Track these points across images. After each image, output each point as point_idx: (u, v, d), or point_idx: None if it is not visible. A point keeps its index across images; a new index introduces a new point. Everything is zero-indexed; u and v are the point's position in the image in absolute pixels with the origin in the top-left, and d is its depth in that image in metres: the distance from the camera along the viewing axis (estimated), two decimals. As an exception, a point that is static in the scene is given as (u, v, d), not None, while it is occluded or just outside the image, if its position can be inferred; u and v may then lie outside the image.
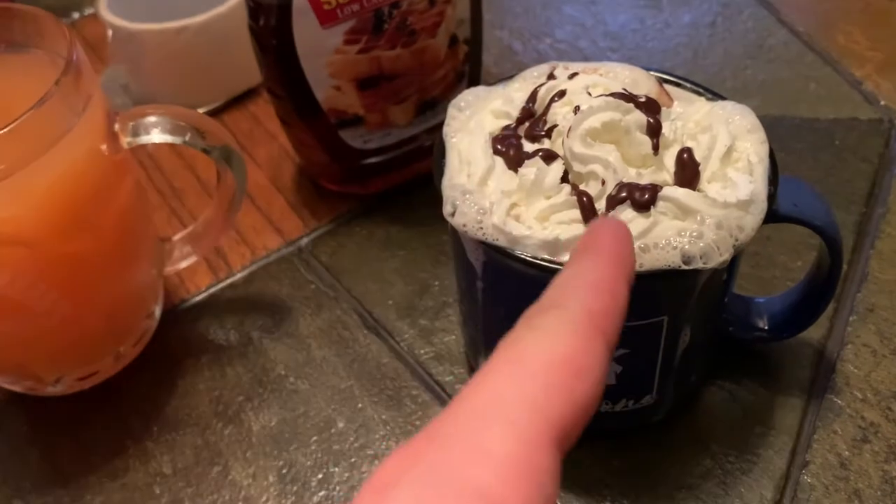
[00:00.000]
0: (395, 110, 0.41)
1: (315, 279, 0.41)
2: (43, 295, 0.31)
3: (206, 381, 0.37)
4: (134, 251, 0.34)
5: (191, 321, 0.39)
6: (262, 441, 0.34)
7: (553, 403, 0.15)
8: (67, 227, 0.30)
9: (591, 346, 0.16)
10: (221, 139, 0.33)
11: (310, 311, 0.39)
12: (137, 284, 0.35)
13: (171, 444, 0.35)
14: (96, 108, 0.31)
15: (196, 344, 0.38)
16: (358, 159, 0.42)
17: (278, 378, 0.37)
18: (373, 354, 0.37)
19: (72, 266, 0.31)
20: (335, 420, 0.35)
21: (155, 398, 0.36)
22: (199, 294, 0.40)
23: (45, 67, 0.32)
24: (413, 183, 0.44)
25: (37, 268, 0.30)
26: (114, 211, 0.32)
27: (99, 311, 0.34)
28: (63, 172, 0.30)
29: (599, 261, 0.17)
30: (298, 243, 0.42)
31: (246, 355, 0.38)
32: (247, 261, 0.42)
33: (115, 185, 0.32)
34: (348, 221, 0.43)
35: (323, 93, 0.39)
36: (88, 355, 0.35)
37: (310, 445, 0.34)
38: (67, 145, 0.29)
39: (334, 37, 0.38)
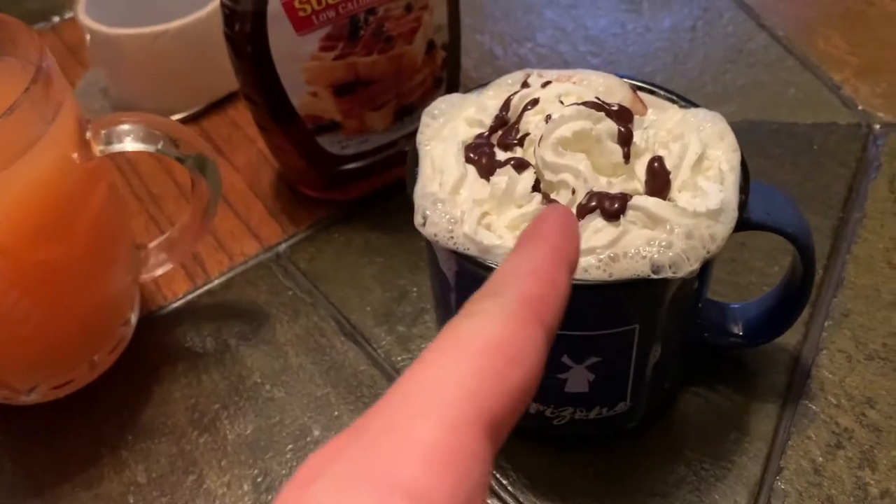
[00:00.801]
0: (373, 116, 0.41)
1: (293, 285, 0.40)
2: (16, 303, 0.31)
3: (182, 389, 0.37)
4: (109, 258, 0.34)
5: (168, 328, 0.39)
6: (237, 449, 0.34)
7: (485, 389, 0.14)
8: (39, 234, 0.30)
9: (527, 333, 0.15)
10: (195, 147, 0.33)
11: (287, 317, 0.39)
12: (113, 292, 0.35)
13: (145, 452, 0.35)
14: (67, 116, 0.31)
15: (173, 351, 0.38)
16: (336, 165, 0.42)
17: (255, 386, 0.36)
18: (350, 361, 0.37)
19: (45, 273, 0.31)
20: (311, 428, 0.35)
21: (130, 406, 0.36)
22: (176, 301, 0.40)
23: (16, 75, 0.32)
24: (392, 188, 0.44)
25: (8, 276, 0.30)
26: (87, 218, 0.32)
27: (74, 318, 0.34)
28: (33, 180, 0.29)
29: (540, 249, 0.17)
30: (276, 249, 0.42)
31: (223, 363, 0.37)
32: (224, 267, 0.42)
33: (88, 192, 0.32)
34: (327, 227, 0.43)
35: (299, 99, 0.39)
36: (63, 364, 0.35)
37: (285, 454, 0.34)
38: (37, 153, 0.29)
39: (310, 43, 0.37)
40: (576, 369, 0.29)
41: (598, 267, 0.25)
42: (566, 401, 0.30)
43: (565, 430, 0.32)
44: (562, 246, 0.17)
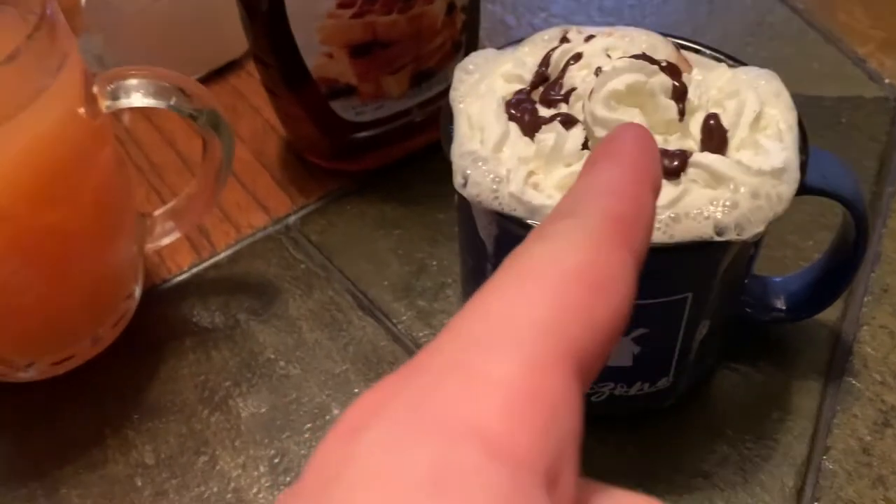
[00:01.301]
0: (389, 80, 0.39)
1: (305, 258, 0.38)
2: (15, 271, 0.29)
3: (190, 366, 0.35)
4: (114, 225, 0.32)
5: (173, 302, 0.37)
6: (251, 429, 0.32)
7: (569, 323, 0.12)
8: (42, 196, 0.28)
9: (614, 258, 0.13)
10: (208, 103, 0.31)
11: (300, 291, 0.37)
12: (117, 262, 0.33)
13: (153, 432, 0.32)
14: (73, 69, 0.28)
15: (179, 326, 0.36)
16: (349, 132, 0.40)
17: (268, 362, 0.34)
18: (368, 337, 0.35)
19: (47, 240, 0.29)
20: (330, 406, 0.33)
21: (135, 384, 0.34)
22: (181, 274, 0.38)
23: (16, 27, 0.30)
24: (406, 160, 0.42)
25: (9, 241, 0.28)
26: (93, 180, 0.30)
27: (76, 289, 0.32)
28: (37, 136, 0.27)
29: (619, 165, 0.14)
30: (286, 221, 0.40)
31: (233, 338, 0.35)
32: (231, 239, 0.39)
33: (94, 152, 0.30)
34: (338, 199, 0.41)
35: (313, 60, 0.37)
36: (64, 338, 0.33)
37: (303, 433, 0.32)
38: (41, 107, 0.27)
39: (327, 1, 0.35)
40: (622, 341, 0.27)
41: (658, 228, 0.23)
42: (607, 375, 0.29)
43: (603, 407, 0.30)
44: (644, 164, 0.14)
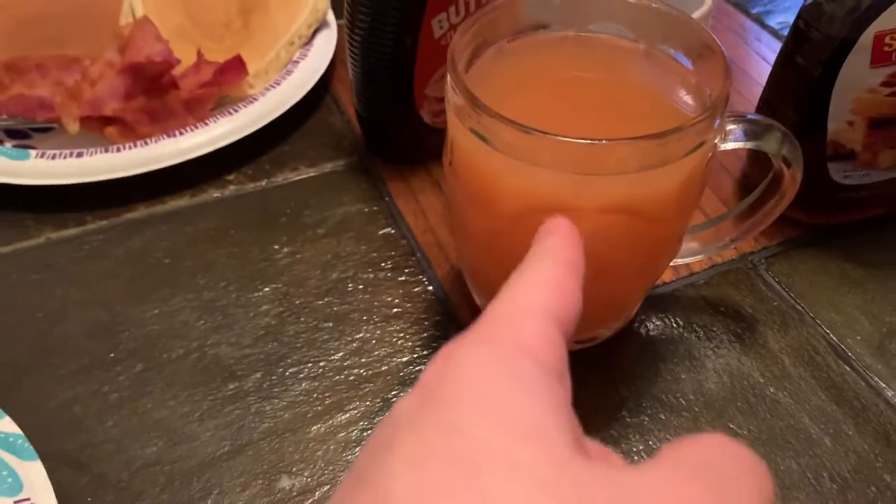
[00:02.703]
0: (887, 153, 0.42)
1: (775, 297, 0.42)
2: (625, 262, 0.34)
3: (687, 371, 0.39)
4: (681, 234, 0.36)
5: (661, 310, 0.41)
6: (753, 441, 0.36)
7: (555, 306, 0.20)
8: (680, 210, 0.33)
9: (570, 278, 0.21)
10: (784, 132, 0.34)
11: (777, 326, 0.41)
12: (666, 263, 0.38)
13: (665, 424, 0.37)
14: (723, 123, 0.33)
15: (669, 332, 0.40)
16: (831, 192, 0.43)
17: (758, 385, 0.38)
18: (849, 385, 0.38)
19: (655, 241, 0.34)
20: (823, 440, 0.36)
21: (642, 377, 0.39)
22: (664, 286, 0.43)
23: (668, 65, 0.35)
24: (866, 223, 0.45)
25: (644, 239, 0.33)
26: (699, 197, 0.35)
27: (639, 284, 0.37)
28: (692, 169, 0.32)
29: (561, 236, 0.23)
30: (751, 258, 0.44)
31: (720, 354, 0.39)
32: (705, 265, 0.44)
33: (706, 176, 0.34)
34: (798, 247, 0.45)
35: (835, 125, 0.41)
36: (599, 323, 0.38)
37: (801, 457, 0.36)
38: (702, 152, 0.32)
39: (876, 77, 0.39)
40: None
41: None
42: None
43: None
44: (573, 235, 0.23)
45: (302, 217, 0.46)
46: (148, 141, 0.47)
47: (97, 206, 0.46)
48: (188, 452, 0.36)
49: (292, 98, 0.51)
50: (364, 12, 0.43)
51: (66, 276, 0.43)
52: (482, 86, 0.33)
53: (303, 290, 0.42)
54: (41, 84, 0.49)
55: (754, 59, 0.58)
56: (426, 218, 0.46)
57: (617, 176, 0.30)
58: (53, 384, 0.38)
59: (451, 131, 0.34)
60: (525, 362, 0.18)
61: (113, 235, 0.45)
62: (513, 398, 0.17)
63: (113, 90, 0.48)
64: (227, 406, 0.37)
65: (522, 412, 0.17)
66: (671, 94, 0.35)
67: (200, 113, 0.49)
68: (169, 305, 0.41)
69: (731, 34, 0.60)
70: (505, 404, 0.17)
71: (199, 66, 0.50)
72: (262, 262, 0.43)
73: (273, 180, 0.48)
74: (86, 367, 0.39)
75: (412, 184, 0.48)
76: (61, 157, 0.46)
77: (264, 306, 0.41)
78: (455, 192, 0.35)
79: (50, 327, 0.40)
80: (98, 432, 0.36)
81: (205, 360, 0.39)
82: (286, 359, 0.39)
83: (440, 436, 0.16)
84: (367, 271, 0.43)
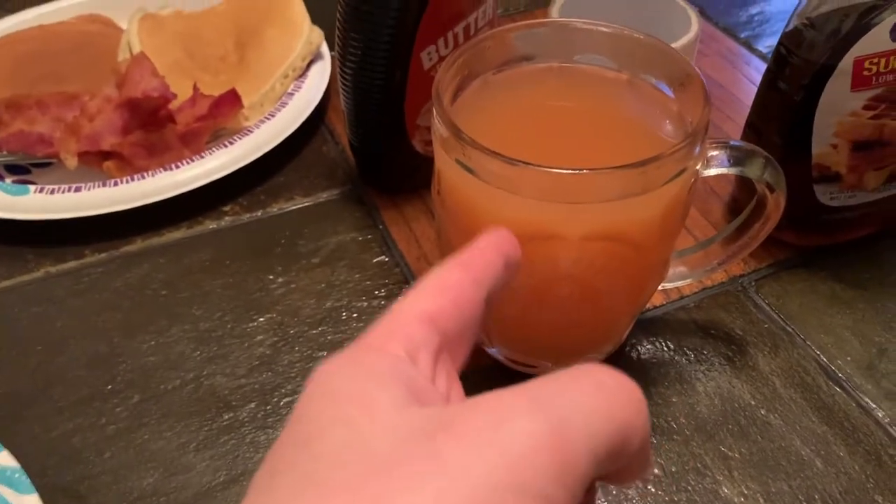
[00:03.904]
0: (871, 175, 0.43)
1: (766, 319, 0.42)
2: (611, 288, 0.34)
3: (678, 394, 0.39)
4: (667, 259, 0.37)
5: (651, 333, 0.42)
6: (744, 464, 0.36)
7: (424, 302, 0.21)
8: (664, 236, 0.33)
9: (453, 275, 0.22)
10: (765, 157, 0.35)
11: (767, 348, 0.41)
12: (653, 288, 0.38)
13: (656, 448, 0.37)
14: (704, 150, 0.33)
15: (660, 355, 0.41)
16: (817, 213, 0.44)
17: (749, 406, 0.39)
18: (839, 406, 0.39)
19: (641, 267, 0.34)
20: (813, 462, 0.37)
21: (633, 400, 0.39)
22: (654, 310, 0.43)
23: (650, 94, 0.36)
24: (852, 244, 0.45)
25: (629, 265, 0.33)
26: (681, 223, 0.35)
27: (624, 310, 0.37)
28: (673, 196, 0.32)
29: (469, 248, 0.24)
30: (741, 281, 0.45)
31: (711, 377, 0.40)
32: (695, 288, 0.44)
33: (689, 202, 0.35)
34: (788, 269, 0.45)
35: (819, 148, 0.41)
36: (590, 346, 0.38)
37: (793, 479, 0.36)
38: (683, 179, 0.32)
39: (857, 101, 0.39)
40: None
41: None
42: None
43: None
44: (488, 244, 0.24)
45: (296, 246, 0.47)
46: (145, 174, 0.48)
47: (96, 240, 0.47)
48: (184, 483, 0.36)
49: (287, 129, 0.51)
50: (355, 45, 0.44)
51: (66, 308, 0.44)
52: (468, 117, 0.34)
53: (297, 320, 0.42)
54: (41, 120, 0.50)
55: (743, 83, 0.59)
56: (419, 245, 0.47)
57: (600, 204, 0.31)
58: (53, 416, 0.39)
59: (437, 162, 0.35)
60: (367, 355, 0.19)
61: (111, 268, 0.46)
62: (346, 380, 0.19)
63: (111, 125, 0.49)
64: (223, 436, 0.38)
65: (351, 387, 0.18)
66: (654, 122, 0.36)
67: (197, 146, 0.50)
68: (165, 336, 0.42)
69: (720, 59, 0.61)
70: (337, 385, 0.18)
71: (195, 100, 0.51)
72: (257, 291, 0.44)
73: (268, 210, 0.49)
74: (85, 399, 0.39)
75: (405, 212, 0.49)
76: (60, 191, 0.47)
77: (259, 336, 0.42)
78: (443, 220, 0.36)
79: (50, 359, 0.41)
80: (96, 464, 0.37)
81: (200, 390, 0.39)
82: (280, 388, 0.39)
83: (288, 432, 0.18)
84: (361, 300, 0.44)
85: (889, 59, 0.38)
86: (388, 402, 0.18)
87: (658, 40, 0.36)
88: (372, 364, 0.19)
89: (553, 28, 0.39)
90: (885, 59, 0.38)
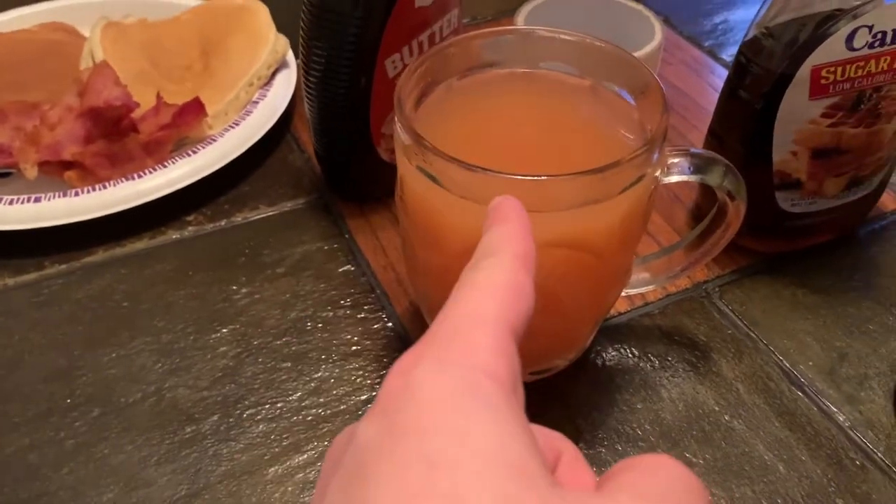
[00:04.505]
0: (831, 182, 0.43)
1: (729, 325, 0.43)
2: (573, 295, 0.34)
3: (643, 401, 0.39)
4: (628, 266, 0.37)
5: (616, 340, 0.42)
6: (708, 471, 0.37)
7: (509, 313, 0.20)
8: (624, 243, 0.34)
9: (521, 277, 0.21)
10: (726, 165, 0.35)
11: (731, 354, 0.41)
12: (616, 295, 0.38)
13: (622, 455, 0.37)
14: (664, 156, 0.34)
15: (625, 361, 0.41)
16: (780, 220, 0.44)
17: (713, 413, 0.39)
18: (802, 410, 0.39)
19: (602, 274, 0.34)
20: (777, 467, 0.37)
21: (598, 408, 0.39)
22: (618, 316, 0.43)
23: (611, 102, 0.36)
24: (812, 250, 0.46)
25: (590, 272, 0.33)
26: (642, 229, 0.35)
27: (587, 317, 0.37)
28: (632, 203, 0.33)
29: (510, 223, 0.23)
30: (705, 287, 0.45)
31: (676, 384, 0.40)
32: (660, 294, 0.44)
33: (649, 209, 0.35)
34: (751, 275, 0.46)
35: (779, 156, 0.42)
36: (553, 354, 0.38)
37: (756, 484, 0.36)
38: (643, 186, 0.32)
39: (815, 109, 0.40)
40: None
41: None
42: None
43: None
44: (522, 220, 0.23)
45: (261, 256, 0.46)
46: (107, 184, 0.47)
47: (56, 251, 0.46)
48: (145, 498, 0.35)
49: (251, 138, 0.51)
50: (319, 53, 0.43)
51: (25, 321, 0.43)
52: (431, 123, 0.34)
53: (261, 331, 0.42)
54: (0, 130, 0.49)
55: (707, 90, 0.60)
56: (386, 254, 0.46)
57: (560, 211, 0.31)
58: (9, 432, 0.38)
59: (400, 169, 0.34)
60: (486, 383, 0.18)
61: (72, 279, 0.45)
62: (487, 429, 0.17)
63: (72, 134, 0.48)
64: (185, 449, 0.37)
65: (500, 446, 0.17)
66: (615, 129, 0.36)
67: (160, 155, 0.50)
68: (127, 349, 0.41)
69: (685, 67, 0.62)
70: (481, 437, 0.17)
71: (159, 109, 0.50)
72: (221, 302, 0.44)
73: (232, 220, 0.49)
74: (42, 414, 0.38)
75: (372, 220, 0.49)
76: (19, 202, 0.46)
77: (222, 348, 0.41)
78: (406, 226, 0.36)
79: (7, 374, 0.40)
80: (54, 480, 0.36)
81: (162, 403, 0.39)
82: (244, 400, 0.39)
83: (422, 472, 0.16)
84: (326, 309, 0.43)
85: (845, 67, 0.38)
86: (544, 480, 0.17)
87: (619, 48, 0.36)
88: (499, 405, 0.18)
89: (517, 35, 0.39)
90: (841, 68, 0.38)
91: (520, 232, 0.23)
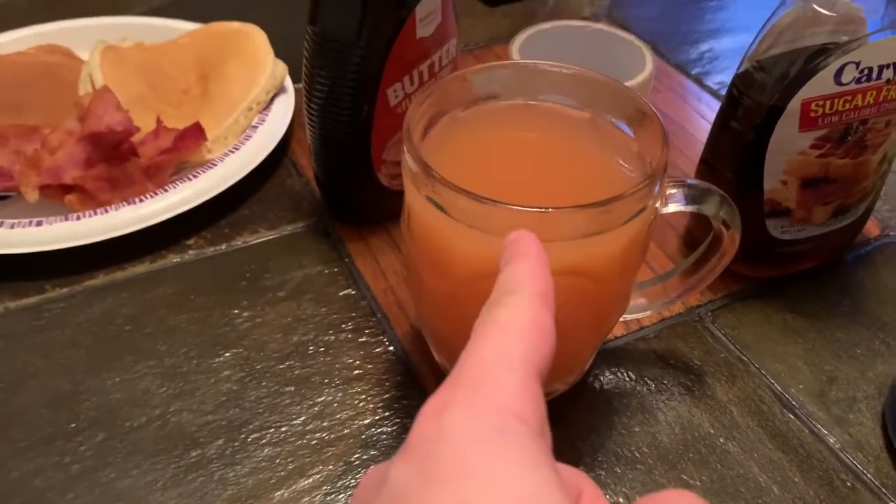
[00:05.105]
0: (819, 210, 0.45)
1: (722, 349, 0.44)
2: (574, 320, 0.35)
3: (640, 424, 0.40)
4: (628, 292, 0.38)
5: (613, 364, 0.43)
6: (706, 494, 0.38)
7: (534, 354, 0.21)
8: (625, 270, 0.35)
9: (544, 316, 0.22)
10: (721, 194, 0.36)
11: (724, 377, 0.42)
12: (615, 320, 0.39)
13: (620, 477, 0.38)
14: (664, 188, 0.35)
15: (622, 385, 0.42)
16: (770, 247, 0.46)
17: (708, 435, 0.40)
18: (794, 433, 0.40)
19: (603, 300, 0.35)
20: (771, 489, 0.38)
21: (597, 431, 0.40)
22: (615, 340, 0.44)
23: (610, 133, 0.37)
24: (800, 275, 0.47)
25: (591, 298, 0.34)
26: (642, 257, 0.36)
27: (588, 341, 0.38)
28: (635, 232, 0.34)
29: (529, 261, 0.23)
30: (697, 312, 0.46)
31: (672, 406, 0.41)
32: (654, 318, 0.45)
33: (648, 236, 0.36)
34: (742, 300, 0.47)
35: (770, 184, 0.43)
36: (554, 378, 0.39)
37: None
38: (644, 216, 0.33)
39: (805, 140, 0.41)
40: None
41: None
42: None
43: None
44: (541, 257, 0.23)
45: (262, 280, 0.47)
46: (108, 208, 0.48)
47: (57, 274, 0.47)
48: (151, 522, 0.36)
49: (251, 162, 0.52)
50: (322, 82, 0.44)
51: (27, 345, 0.43)
52: (437, 153, 0.34)
53: (263, 355, 0.43)
54: (0, 153, 0.49)
55: (694, 117, 0.61)
56: (385, 278, 0.47)
57: (564, 241, 0.32)
58: (14, 456, 0.38)
59: (408, 197, 0.35)
60: (516, 427, 0.19)
61: (73, 303, 0.45)
62: (520, 474, 0.18)
63: (73, 158, 0.49)
64: (190, 474, 0.37)
65: (534, 490, 0.17)
66: (615, 160, 0.37)
67: (160, 179, 0.50)
68: (130, 373, 0.42)
69: (672, 94, 0.63)
70: (515, 482, 0.18)
71: (159, 133, 0.51)
72: (223, 326, 0.44)
73: (233, 244, 0.49)
74: (46, 438, 0.39)
75: (371, 244, 0.49)
76: (20, 225, 0.46)
77: (225, 372, 0.42)
78: (412, 254, 0.37)
79: (9, 398, 0.40)
80: (59, 504, 0.36)
81: (167, 427, 0.39)
82: (248, 424, 0.39)
83: None
84: (327, 333, 0.44)
85: (834, 101, 0.40)
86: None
87: (616, 81, 0.37)
88: (531, 450, 0.18)
89: (517, 69, 0.40)
90: (829, 102, 0.40)
91: (540, 269, 0.23)
